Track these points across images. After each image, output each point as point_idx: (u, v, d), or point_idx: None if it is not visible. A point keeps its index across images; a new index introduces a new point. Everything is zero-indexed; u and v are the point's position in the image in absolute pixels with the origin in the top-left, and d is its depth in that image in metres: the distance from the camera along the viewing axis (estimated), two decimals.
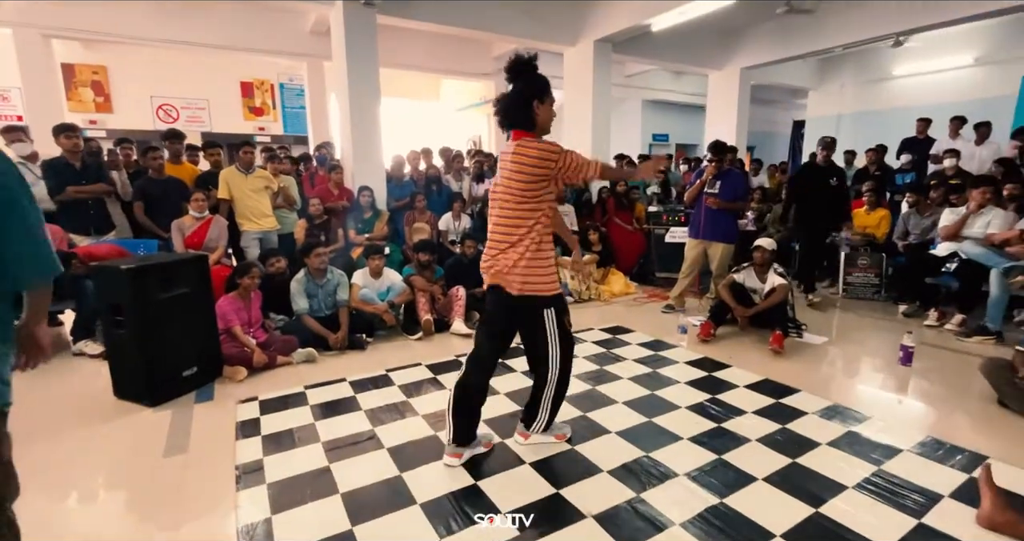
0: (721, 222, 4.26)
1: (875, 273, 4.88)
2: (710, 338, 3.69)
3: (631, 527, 1.73)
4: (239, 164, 4.33)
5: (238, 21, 6.69)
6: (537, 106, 1.93)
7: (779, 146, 13.36)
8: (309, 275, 3.64)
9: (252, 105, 9.45)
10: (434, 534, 1.71)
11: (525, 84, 1.94)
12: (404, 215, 5.18)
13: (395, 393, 2.84)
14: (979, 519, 1.70)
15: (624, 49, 6.91)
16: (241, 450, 2.25)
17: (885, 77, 9.06)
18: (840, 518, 1.76)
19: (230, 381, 3.03)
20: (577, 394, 2.78)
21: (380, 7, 5.06)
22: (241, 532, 1.73)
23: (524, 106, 1.93)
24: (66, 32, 6.05)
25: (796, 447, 2.23)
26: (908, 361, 3.16)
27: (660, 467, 2.08)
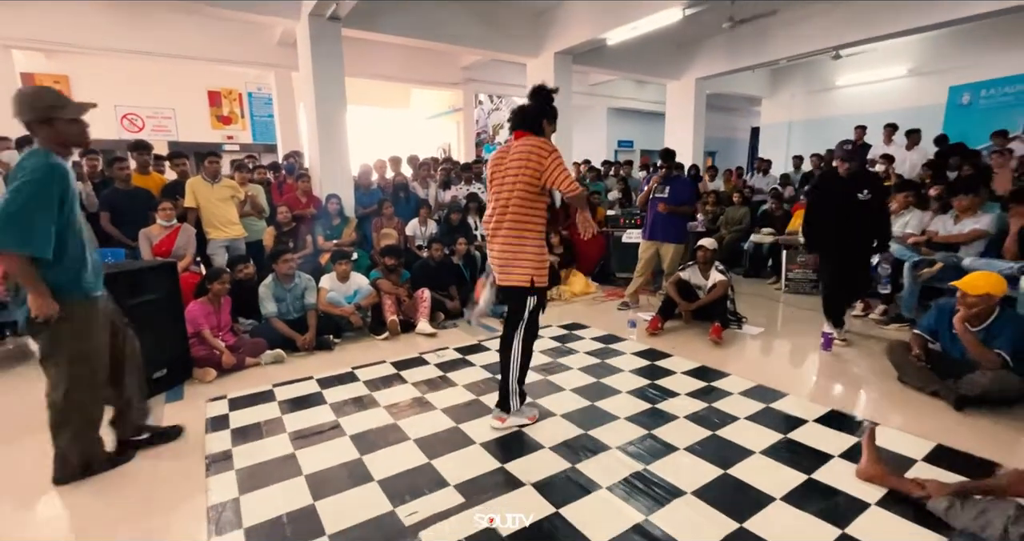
0: (671, 224, 4.57)
1: (813, 269, 5.27)
2: (658, 331, 3.98)
3: (564, 492, 1.96)
4: (205, 173, 4.44)
5: (204, 32, 6.77)
6: (546, 124, 2.40)
7: (739, 151, 13.97)
8: (277, 280, 3.79)
9: (220, 114, 9.47)
10: (389, 505, 1.91)
11: (545, 104, 2.38)
12: (372, 221, 5.35)
13: (360, 388, 3.03)
14: (857, 473, 2.00)
15: (585, 60, 7.25)
16: (210, 442, 2.41)
17: (829, 87, 9.66)
18: (744, 477, 2.04)
19: (200, 382, 3.16)
20: (529, 383, 3.01)
21: (345, 21, 5.25)
22: (210, 510, 1.90)
23: (538, 117, 2.38)
24: (27, 42, 6.05)
25: (718, 422, 2.51)
26: (828, 346, 3.51)
27: (595, 442, 2.33)
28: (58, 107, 1.87)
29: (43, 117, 1.85)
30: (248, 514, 1.87)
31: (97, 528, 1.85)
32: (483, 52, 7.02)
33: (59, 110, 1.87)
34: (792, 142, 10.42)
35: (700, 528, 1.74)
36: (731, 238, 6.50)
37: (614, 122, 12.27)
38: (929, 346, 2.88)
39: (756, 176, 8.19)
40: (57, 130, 1.88)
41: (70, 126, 1.91)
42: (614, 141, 12.50)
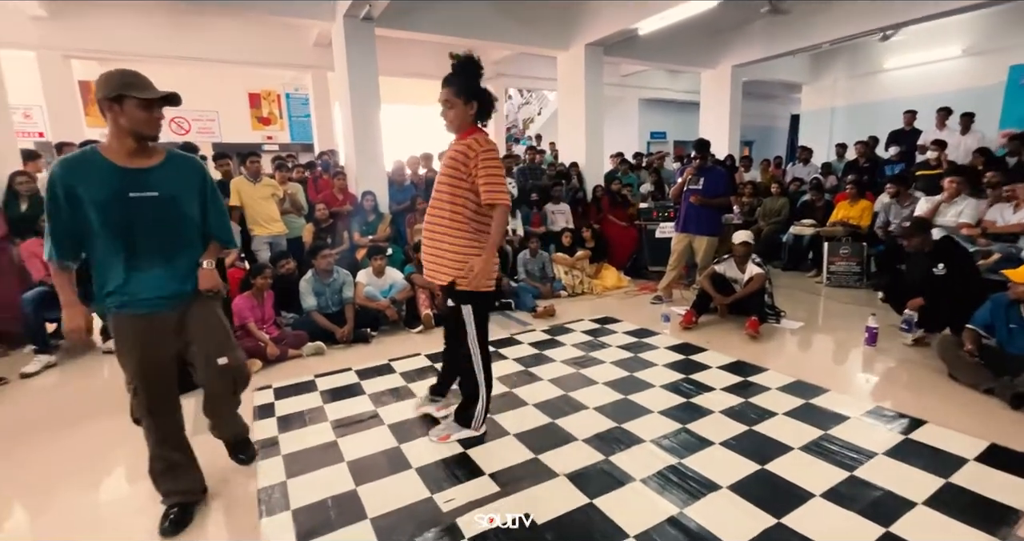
0: (705, 217, 4.48)
1: (856, 262, 5.07)
2: (692, 326, 3.93)
3: (597, 483, 1.98)
4: (247, 173, 4.64)
5: (245, 36, 7.02)
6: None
7: (778, 140, 13.49)
8: (316, 275, 3.92)
9: (260, 115, 9.80)
10: (426, 491, 1.98)
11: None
12: (405, 217, 5.46)
13: (396, 379, 3.12)
14: None
15: (616, 51, 7.14)
16: (258, 429, 2.54)
17: (876, 70, 9.20)
18: (782, 472, 2.00)
19: None
20: (562, 376, 3.05)
21: (378, 21, 5.35)
22: (260, 492, 2.01)
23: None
24: (84, 53, 6.41)
25: (754, 417, 2.47)
26: (873, 341, 3.38)
27: (629, 435, 2.34)
28: (133, 85, 1.62)
29: (114, 94, 1.60)
30: (295, 497, 1.97)
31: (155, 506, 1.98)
32: (514, 47, 7.01)
33: (132, 88, 1.61)
34: (835, 129, 10.00)
35: (736, 522, 1.73)
36: (769, 230, 6.31)
37: (646, 113, 12.04)
38: (983, 341, 2.75)
39: (796, 166, 7.91)
40: (125, 111, 1.62)
41: (139, 110, 1.63)
42: (646, 133, 12.28)
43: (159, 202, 1.71)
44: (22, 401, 3.03)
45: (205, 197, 1.86)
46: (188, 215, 1.80)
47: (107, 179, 1.65)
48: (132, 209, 1.67)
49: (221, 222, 1.93)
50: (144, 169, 1.71)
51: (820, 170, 7.37)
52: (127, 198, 1.66)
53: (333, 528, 1.78)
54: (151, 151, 1.74)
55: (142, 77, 1.67)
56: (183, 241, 1.80)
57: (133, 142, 1.67)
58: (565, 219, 6.13)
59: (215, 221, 1.91)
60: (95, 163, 1.65)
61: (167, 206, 1.73)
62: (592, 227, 5.72)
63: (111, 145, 1.69)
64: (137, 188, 1.68)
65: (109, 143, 1.69)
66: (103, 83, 1.62)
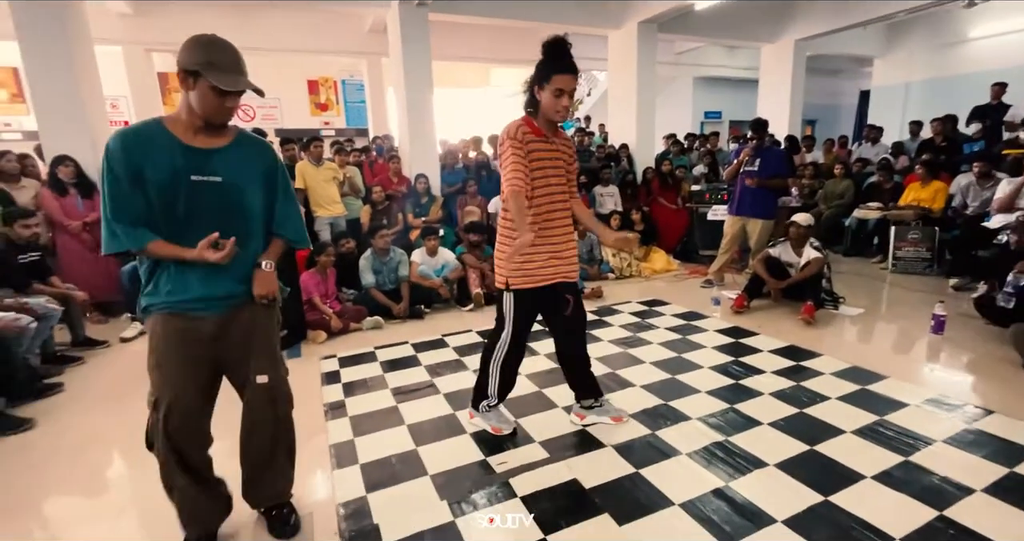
0: (760, 199, 4.36)
1: (927, 247, 4.79)
2: (743, 310, 3.87)
3: (643, 454, 2.06)
4: (310, 157, 4.90)
5: (305, 25, 7.32)
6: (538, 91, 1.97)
7: (844, 118, 12.67)
8: (375, 254, 4.14)
9: (318, 101, 10.21)
10: (480, 454, 2.12)
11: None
12: (456, 199, 5.61)
13: (450, 353, 3.28)
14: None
15: (670, 28, 6.93)
16: (327, 393, 2.77)
17: (959, 40, 8.45)
18: (832, 454, 2.01)
19: (312, 342, 3.58)
20: (609, 355, 3.11)
21: (432, 5, 5.44)
22: (332, 447, 2.22)
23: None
24: (164, 46, 6.89)
25: (806, 400, 2.45)
26: (940, 329, 3.23)
27: (675, 412, 2.39)
28: (215, 66, 1.39)
29: (193, 66, 1.38)
30: (362, 452, 2.16)
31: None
32: (566, 27, 6.89)
33: (212, 69, 1.38)
34: (909, 105, 9.29)
35: (782, 497, 1.77)
36: (831, 214, 6.04)
37: (701, 92, 11.61)
38: None
39: (864, 146, 7.46)
40: (198, 91, 1.40)
41: (212, 94, 1.39)
42: (700, 112, 11.86)
43: (222, 189, 1.48)
44: (119, 362, 3.42)
45: (276, 186, 1.61)
46: (253, 206, 1.55)
47: (169, 157, 1.42)
48: (192, 194, 1.44)
49: (291, 217, 1.66)
50: (210, 150, 1.47)
51: (890, 150, 6.91)
52: (188, 181, 1.43)
53: (397, 481, 1.96)
54: (220, 130, 1.51)
55: (229, 54, 1.43)
56: (244, 236, 1.52)
57: (201, 120, 1.46)
58: (614, 202, 6.10)
59: (284, 215, 1.64)
60: (158, 137, 1.43)
61: (230, 194, 1.50)
62: (642, 209, 5.67)
63: (179, 118, 1.46)
64: (199, 171, 1.45)
65: (177, 115, 1.46)
66: (187, 50, 1.39)
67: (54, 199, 4.07)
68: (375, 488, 1.92)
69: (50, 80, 4.24)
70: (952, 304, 3.78)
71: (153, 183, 1.40)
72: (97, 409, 2.69)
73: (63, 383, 2.98)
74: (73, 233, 4.08)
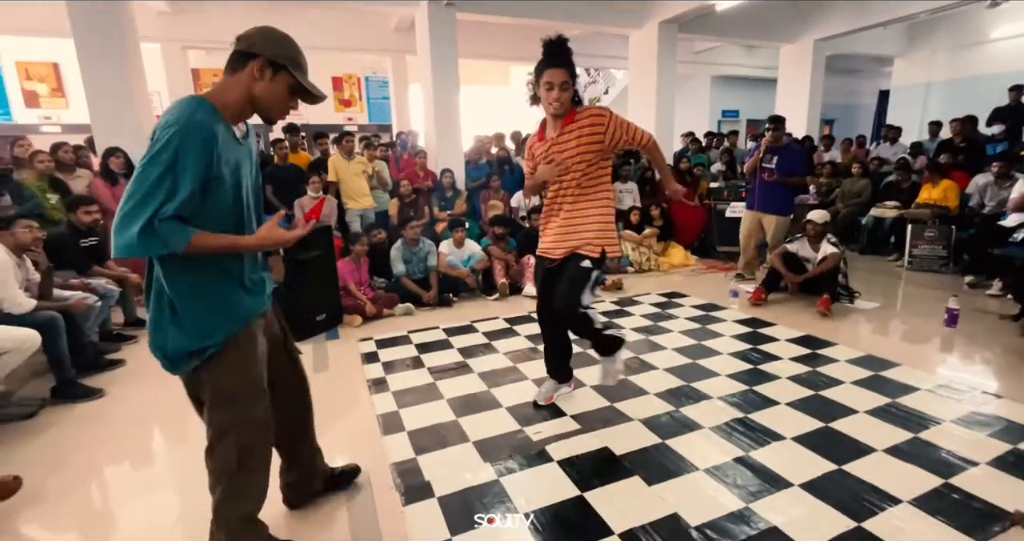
0: (777, 195, 4.47)
1: (943, 245, 4.87)
2: (761, 302, 4.01)
3: (668, 428, 2.22)
4: (342, 151, 5.11)
5: (333, 23, 7.54)
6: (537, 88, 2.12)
7: (862, 117, 12.63)
8: (405, 244, 4.33)
9: (342, 97, 10.44)
10: (517, 425, 2.30)
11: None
12: (480, 194, 5.79)
13: (480, 338, 3.47)
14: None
15: (690, 28, 7.03)
16: (368, 371, 2.97)
17: (981, 40, 8.44)
18: (845, 430, 2.16)
19: (349, 326, 3.79)
20: (632, 341, 3.26)
21: (459, 5, 5.62)
22: (380, 418, 2.41)
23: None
24: (199, 43, 7.16)
25: (821, 384, 2.60)
26: (953, 323, 3.34)
27: (697, 392, 2.55)
28: (301, 67, 1.39)
29: (283, 60, 1.34)
30: (408, 422, 2.36)
31: None
32: (588, 27, 7.07)
33: (299, 69, 1.37)
34: (929, 106, 9.29)
35: (798, 465, 1.93)
36: (848, 212, 6.12)
37: (718, 91, 11.66)
38: None
39: (882, 145, 7.50)
40: (274, 84, 1.35)
41: (286, 91, 1.37)
42: (718, 111, 11.90)
43: (253, 177, 1.46)
44: None
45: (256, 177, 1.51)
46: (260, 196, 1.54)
47: (233, 147, 1.33)
48: (242, 184, 1.38)
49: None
50: (242, 138, 1.39)
51: (909, 150, 6.96)
52: (239, 171, 1.36)
53: (443, 446, 2.15)
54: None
55: (305, 60, 1.42)
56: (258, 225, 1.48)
57: (253, 112, 1.37)
58: (632, 198, 6.23)
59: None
60: (221, 125, 1.29)
61: (255, 182, 1.48)
62: (660, 206, 5.80)
63: (226, 100, 1.32)
64: (243, 161, 1.38)
65: (222, 100, 1.31)
66: (277, 42, 1.36)
67: (106, 188, 4.32)
68: (423, 452, 2.11)
69: (102, 76, 4.50)
70: (967, 300, 3.88)
71: (215, 175, 1.26)
72: (156, 383, 2.90)
73: (124, 359, 3.21)
74: None
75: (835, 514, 1.66)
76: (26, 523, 1.78)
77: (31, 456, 2.18)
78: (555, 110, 2.07)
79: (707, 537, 1.58)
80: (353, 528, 1.70)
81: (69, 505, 1.88)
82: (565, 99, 2.04)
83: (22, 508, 1.83)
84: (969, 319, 3.47)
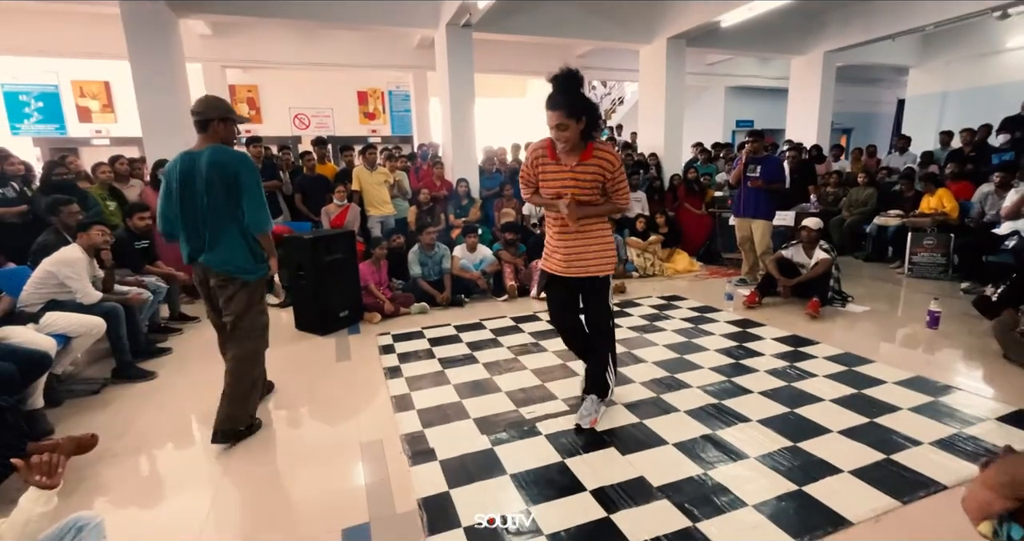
0: (761, 201, 4.69)
1: (942, 253, 4.99)
2: (755, 305, 4.22)
3: (648, 411, 2.49)
4: (365, 162, 5.51)
5: (358, 43, 8.05)
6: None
7: (882, 126, 12.62)
8: (421, 248, 4.69)
9: (366, 111, 10.99)
10: (513, 406, 2.60)
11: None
12: (494, 202, 6.13)
13: (487, 334, 3.78)
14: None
15: (699, 43, 7.28)
16: (385, 360, 3.30)
17: (996, 50, 8.46)
18: (808, 415, 2.39)
19: (369, 323, 4.15)
20: (627, 338, 3.54)
21: (476, 26, 6.01)
22: (393, 399, 2.74)
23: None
24: (237, 63, 7.73)
25: (795, 376, 2.83)
26: (935, 324, 3.51)
27: (679, 382, 2.81)
28: (231, 112, 2.33)
29: (225, 116, 2.28)
30: (417, 402, 2.68)
31: (330, 406, 2.77)
32: (599, 43, 7.39)
33: (232, 114, 2.32)
34: (945, 115, 9.30)
35: (758, 442, 2.17)
36: (853, 220, 6.25)
37: (733, 101, 11.82)
38: None
39: (893, 154, 7.59)
40: (227, 128, 2.30)
41: (234, 127, 2.35)
42: (732, 121, 12.05)
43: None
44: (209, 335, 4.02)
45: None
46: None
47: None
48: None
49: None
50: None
51: (919, 159, 7.05)
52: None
53: (446, 421, 2.46)
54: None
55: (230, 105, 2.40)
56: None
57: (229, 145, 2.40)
58: (640, 206, 6.48)
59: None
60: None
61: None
62: (666, 213, 6.05)
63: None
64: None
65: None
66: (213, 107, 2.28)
67: (154, 196, 4.79)
68: (429, 425, 2.43)
69: (154, 94, 5.01)
70: (957, 305, 4.03)
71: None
72: (199, 368, 3.30)
73: (171, 348, 3.63)
74: None
75: (780, 479, 1.91)
76: (103, 472, 2.16)
77: (101, 423, 2.57)
78: (560, 149, 2.18)
79: (666, 494, 1.85)
80: (368, 481, 2.02)
81: (133, 462, 2.26)
82: (566, 138, 2.10)
83: (99, 461, 2.21)
84: (953, 322, 3.63)
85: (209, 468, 2.20)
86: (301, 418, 2.66)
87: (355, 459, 2.20)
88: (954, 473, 1.91)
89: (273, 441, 2.41)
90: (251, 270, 2.35)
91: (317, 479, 2.07)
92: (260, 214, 2.30)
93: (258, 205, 2.29)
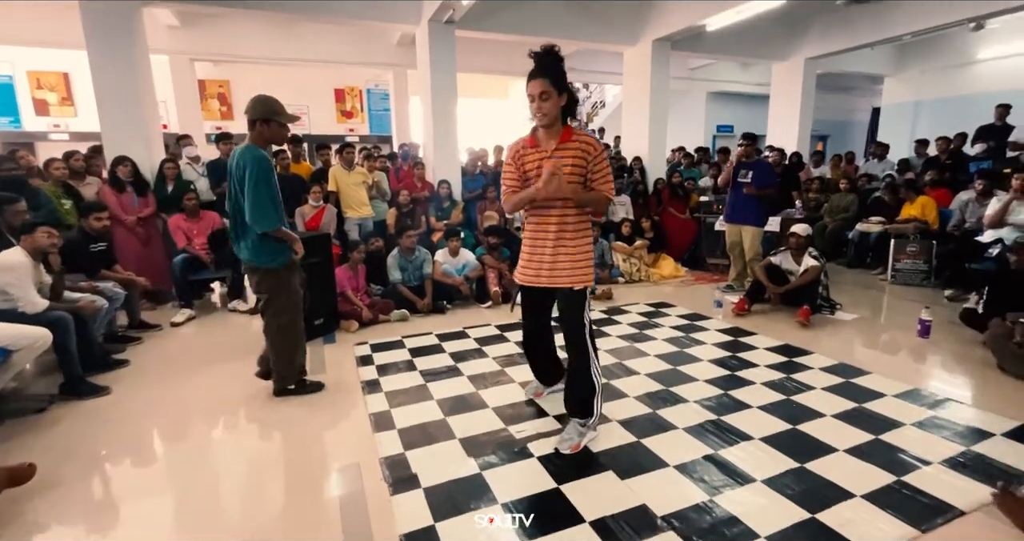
0: (751, 207, 4.64)
1: (924, 259, 5.02)
2: (744, 313, 4.14)
3: (644, 428, 2.35)
4: (343, 162, 5.27)
5: (336, 39, 7.77)
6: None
7: (856, 134, 12.89)
8: (401, 252, 4.48)
9: (343, 109, 10.68)
10: (502, 424, 2.43)
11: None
12: (476, 205, 5.95)
13: (471, 343, 3.60)
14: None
15: (684, 46, 7.25)
16: (362, 373, 3.09)
17: (968, 61, 8.68)
18: (811, 432, 2.28)
19: (345, 331, 3.92)
20: (617, 348, 3.41)
21: (458, 23, 5.83)
22: (372, 417, 2.54)
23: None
24: (206, 56, 7.38)
25: (792, 389, 2.73)
26: (926, 334, 3.48)
27: (675, 396, 2.68)
28: (279, 113, 2.47)
29: (267, 117, 2.44)
30: (398, 420, 2.48)
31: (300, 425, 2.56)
32: (583, 44, 7.29)
33: (279, 115, 2.47)
34: (918, 123, 9.51)
35: (763, 463, 2.05)
36: (835, 227, 6.28)
37: (714, 106, 11.90)
38: None
39: (871, 162, 7.68)
40: (272, 129, 2.47)
41: (280, 129, 2.51)
42: (713, 126, 12.14)
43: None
44: (173, 344, 3.78)
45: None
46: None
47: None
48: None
49: None
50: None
51: (896, 167, 7.15)
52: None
53: (430, 442, 2.27)
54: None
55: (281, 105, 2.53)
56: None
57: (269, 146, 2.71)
58: (625, 210, 6.40)
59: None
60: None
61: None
62: (652, 218, 5.97)
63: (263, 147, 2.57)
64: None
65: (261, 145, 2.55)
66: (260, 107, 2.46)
67: (112, 195, 4.48)
68: (411, 447, 2.24)
69: (113, 86, 4.67)
70: (943, 313, 4.02)
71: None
72: (158, 382, 3.04)
73: (128, 360, 3.34)
74: (128, 227, 4.48)
75: (791, 506, 1.78)
76: (40, 506, 1.91)
77: (43, 447, 2.31)
78: (539, 121, 2.06)
79: (671, 525, 1.71)
80: (344, 513, 1.83)
81: (79, 491, 2.01)
82: (547, 109, 2.01)
83: (36, 494, 1.95)
84: (942, 331, 3.61)
85: (166, 498, 1.97)
86: (271, 439, 2.44)
87: (330, 486, 2.00)
88: (969, 495, 1.82)
89: (239, 464, 2.19)
90: (270, 260, 2.57)
91: (289, 510, 1.87)
92: (256, 213, 2.42)
93: (255, 204, 2.40)
